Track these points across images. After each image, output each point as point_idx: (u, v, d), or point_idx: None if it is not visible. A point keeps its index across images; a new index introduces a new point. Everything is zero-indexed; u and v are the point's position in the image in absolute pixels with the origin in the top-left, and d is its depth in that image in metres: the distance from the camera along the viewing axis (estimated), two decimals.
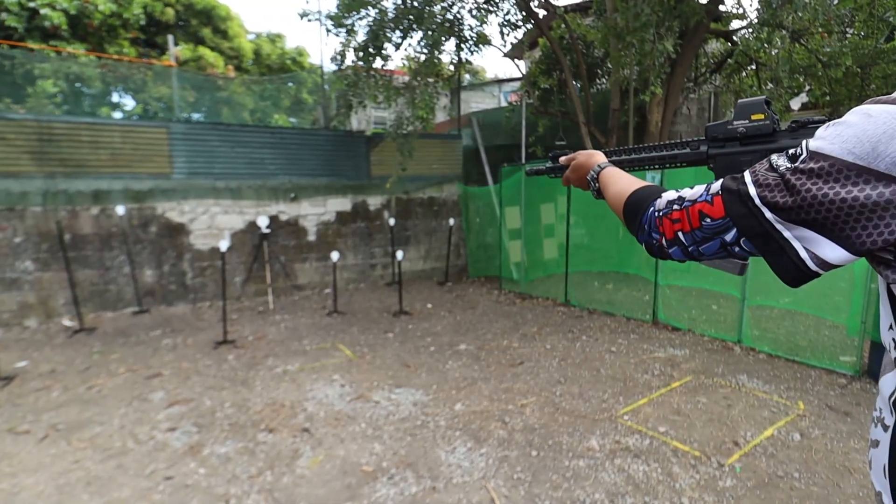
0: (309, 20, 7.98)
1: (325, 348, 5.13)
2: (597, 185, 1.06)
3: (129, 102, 9.78)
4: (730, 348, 4.81)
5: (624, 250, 6.76)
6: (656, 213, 0.80)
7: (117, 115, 9.36)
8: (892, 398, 0.66)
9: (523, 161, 8.53)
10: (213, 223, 7.30)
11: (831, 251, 0.62)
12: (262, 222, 7.32)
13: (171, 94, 8.10)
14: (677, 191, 0.81)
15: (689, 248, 0.75)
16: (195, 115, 9.14)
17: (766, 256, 0.68)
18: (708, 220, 0.72)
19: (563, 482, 2.74)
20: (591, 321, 5.94)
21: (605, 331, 5.54)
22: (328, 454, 3.06)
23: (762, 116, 0.90)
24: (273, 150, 7.77)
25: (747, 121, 0.92)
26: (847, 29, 7.00)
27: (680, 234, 0.76)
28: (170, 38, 9.49)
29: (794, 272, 0.66)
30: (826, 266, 0.64)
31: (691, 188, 0.78)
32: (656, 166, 1.12)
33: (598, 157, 1.11)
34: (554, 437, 3.23)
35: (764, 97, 0.92)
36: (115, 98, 9.42)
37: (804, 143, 0.64)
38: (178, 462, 3.00)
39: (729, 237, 0.70)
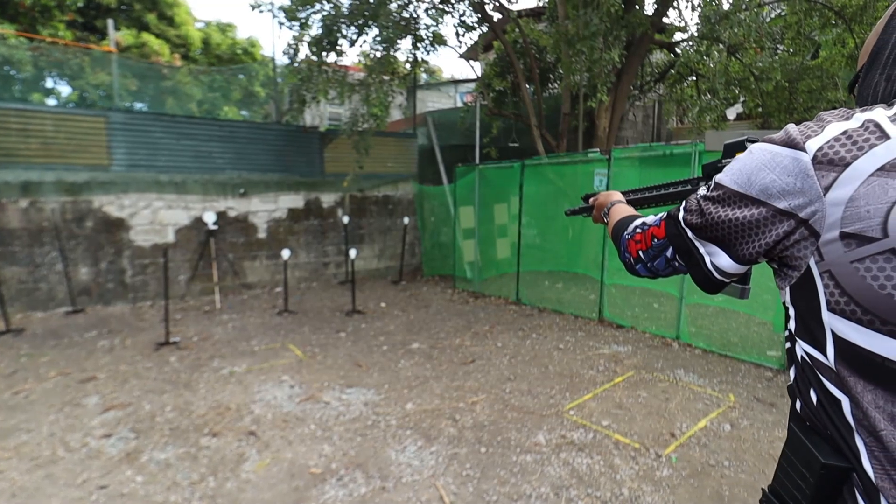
0: (261, 11, 7.75)
1: (275, 348, 5.02)
2: (606, 219, 1.23)
3: (64, 89, 9.20)
4: (669, 344, 5.06)
5: (573, 250, 6.98)
6: (626, 236, 0.97)
7: (51, 101, 8.78)
8: (789, 385, 0.76)
9: (477, 161, 8.64)
10: (156, 218, 6.97)
11: (724, 260, 0.75)
12: (209, 218, 7.07)
13: (111, 81, 7.67)
14: (644, 218, 0.97)
15: (648, 265, 0.90)
16: (137, 105, 8.70)
17: (689, 269, 0.81)
18: (656, 240, 0.87)
19: (511, 477, 2.80)
20: (541, 319, 6.10)
21: (553, 329, 5.70)
22: (275, 457, 3.00)
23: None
24: (222, 144, 7.51)
25: (731, 159, 1.02)
26: (778, 45, 7.51)
27: (640, 252, 0.91)
28: (110, 22, 8.96)
29: (706, 281, 0.79)
30: (725, 274, 0.76)
31: (655, 216, 0.92)
32: (664, 203, 1.24)
33: (614, 196, 1.28)
34: (503, 433, 3.30)
35: (746, 136, 1.02)
36: (48, 84, 8.83)
37: (715, 176, 0.76)
38: (114, 470, 2.86)
39: (669, 254, 0.85)
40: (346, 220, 8.30)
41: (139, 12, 12.95)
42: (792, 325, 0.71)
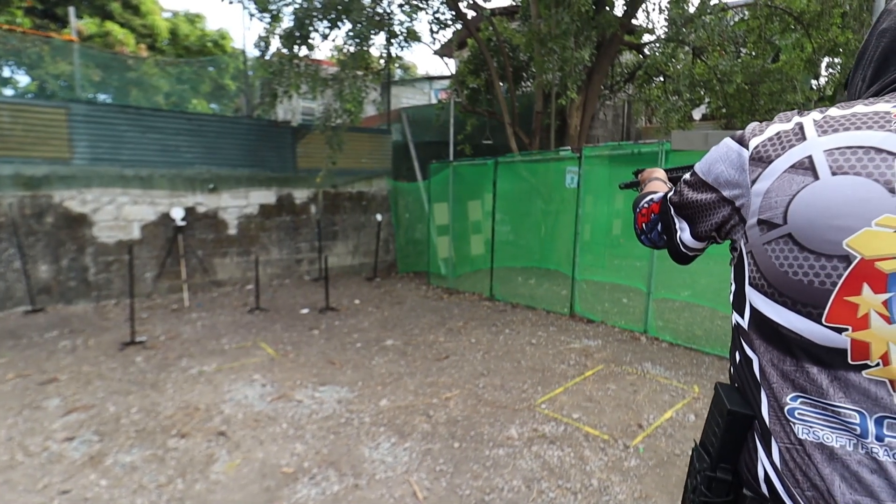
0: (231, 2, 7.58)
1: (246, 347, 4.95)
2: None
3: (22, 79, 8.82)
4: (637, 338, 5.20)
5: (546, 247, 7.08)
6: (638, 210, 1.08)
7: (8, 91, 8.40)
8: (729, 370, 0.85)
9: (451, 158, 8.66)
10: (121, 214, 6.76)
11: (686, 235, 0.88)
12: (177, 214, 6.90)
13: (73, 71, 7.38)
14: (654, 195, 1.06)
15: (648, 235, 1.02)
16: (101, 96, 8.40)
17: (668, 242, 0.94)
18: (653, 215, 0.99)
19: (484, 471, 2.84)
20: (514, 315, 6.17)
21: (526, 324, 5.77)
22: (246, 457, 2.96)
23: None
24: (190, 138, 7.32)
25: None
26: (741, 49, 7.75)
27: (644, 225, 1.03)
28: (71, 10, 8.62)
29: (675, 252, 0.93)
30: (687, 248, 0.89)
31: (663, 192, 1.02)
32: None
33: (657, 172, 1.37)
34: (476, 428, 3.33)
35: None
36: (5, 73, 8.45)
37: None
38: (76, 474, 2.78)
39: (660, 227, 0.96)
40: (319, 216, 8.20)
41: (103, 0, 12.49)
42: (731, 298, 0.80)
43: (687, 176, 0.87)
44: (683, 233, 0.88)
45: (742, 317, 0.75)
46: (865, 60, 0.81)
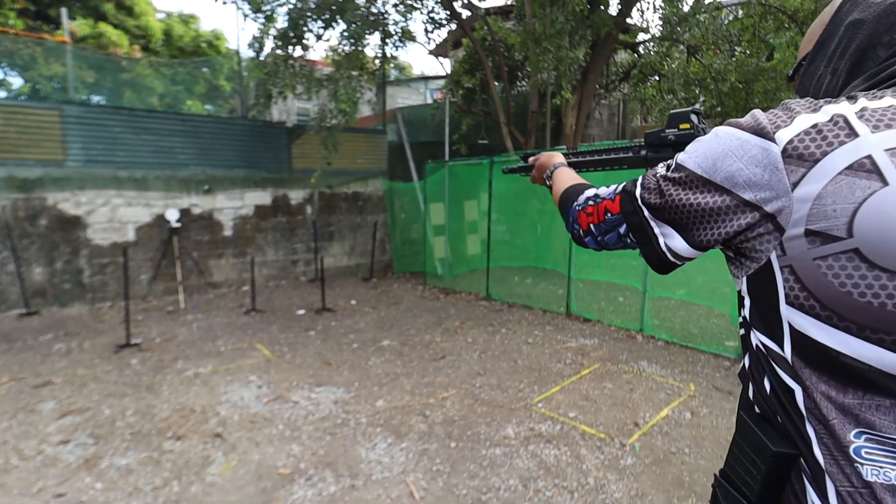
0: (224, 3, 7.55)
1: (242, 348, 4.93)
2: (549, 182, 1.19)
3: (15, 80, 8.77)
4: (633, 337, 5.21)
5: (542, 246, 7.08)
6: (577, 207, 0.93)
7: (1, 93, 8.37)
8: (741, 371, 0.77)
9: (447, 158, 8.65)
10: (115, 216, 6.73)
11: (679, 244, 0.73)
12: (172, 216, 6.88)
13: (66, 73, 7.34)
14: (596, 189, 0.92)
15: (598, 238, 0.87)
16: (94, 98, 8.36)
17: (641, 247, 0.79)
18: (609, 214, 0.84)
19: (480, 471, 2.84)
20: (511, 314, 6.18)
21: (523, 323, 5.78)
22: (242, 459, 2.96)
23: (688, 126, 1.01)
24: (185, 139, 7.29)
25: (676, 129, 1.03)
26: (735, 47, 7.77)
27: (591, 225, 0.88)
28: (63, 11, 8.58)
29: (658, 261, 0.77)
30: (678, 257, 0.75)
31: (608, 187, 0.88)
32: (605, 168, 1.24)
33: (556, 157, 1.24)
34: (472, 427, 3.33)
35: (692, 108, 1.03)
36: None
37: (676, 155, 0.74)
38: (72, 477, 2.76)
39: (622, 230, 0.82)
40: (314, 217, 8.18)
41: (96, 1, 12.44)
42: (746, 313, 0.71)
43: (667, 172, 0.73)
44: (671, 240, 0.74)
45: (776, 341, 0.65)
46: (835, 53, 0.74)
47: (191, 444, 3.12)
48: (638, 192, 0.77)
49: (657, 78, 8.45)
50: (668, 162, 0.75)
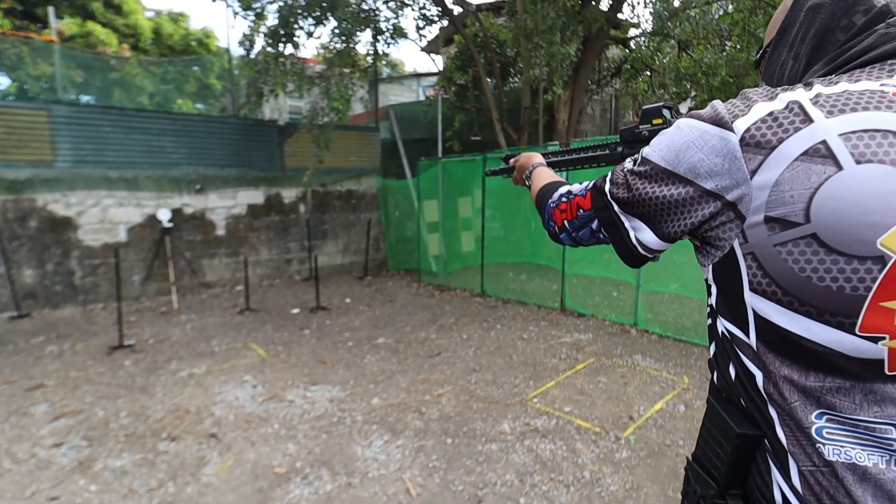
0: (214, 0, 7.49)
1: (236, 348, 4.91)
2: (528, 182, 1.20)
3: (2, 81, 8.68)
4: (627, 331, 5.23)
5: (536, 242, 7.09)
6: (552, 205, 0.94)
7: None
8: (709, 359, 0.79)
9: (440, 155, 8.64)
10: (106, 217, 6.68)
11: (649, 237, 0.74)
12: (164, 216, 6.84)
13: (54, 72, 7.26)
14: (570, 186, 0.94)
15: (572, 234, 0.89)
16: (83, 98, 8.28)
17: (613, 242, 0.80)
18: (581, 211, 0.85)
19: (476, 466, 2.85)
20: (505, 310, 6.19)
21: (517, 319, 5.79)
22: (237, 459, 2.95)
23: (661, 121, 1.03)
24: (176, 138, 7.24)
25: (650, 125, 1.04)
26: (726, 42, 7.80)
27: (565, 222, 0.89)
28: (50, 10, 8.49)
29: (629, 255, 0.78)
30: (649, 250, 0.76)
31: (581, 184, 0.89)
32: (583, 166, 1.25)
33: (536, 158, 1.26)
34: (468, 423, 3.34)
35: (663, 103, 1.04)
36: None
37: (642, 149, 0.75)
38: (65, 480, 2.75)
39: (594, 225, 0.83)
40: (308, 215, 8.15)
41: (84, 0, 12.29)
42: (713, 301, 0.72)
43: (633, 166, 0.74)
44: (641, 233, 0.74)
45: (740, 327, 0.67)
46: (795, 38, 0.75)
47: (186, 444, 3.11)
48: (607, 187, 0.78)
49: (648, 73, 8.48)
50: (635, 156, 0.76)
